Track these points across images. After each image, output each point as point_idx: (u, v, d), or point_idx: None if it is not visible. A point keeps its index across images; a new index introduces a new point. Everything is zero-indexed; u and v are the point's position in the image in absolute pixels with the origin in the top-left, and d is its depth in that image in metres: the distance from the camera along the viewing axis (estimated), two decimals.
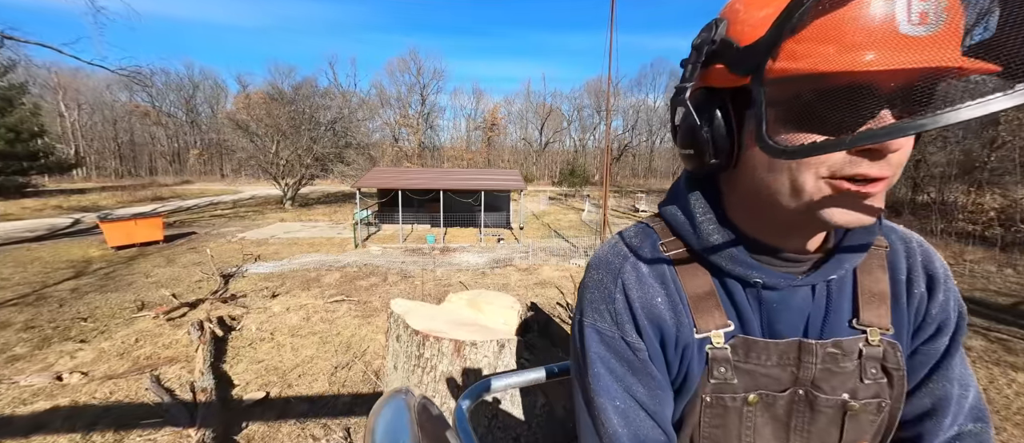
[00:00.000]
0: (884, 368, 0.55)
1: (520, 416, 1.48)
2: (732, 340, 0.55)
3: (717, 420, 0.56)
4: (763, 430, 0.56)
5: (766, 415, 0.56)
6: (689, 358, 0.56)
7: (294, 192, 20.74)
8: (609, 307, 0.56)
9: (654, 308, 0.55)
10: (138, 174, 44.70)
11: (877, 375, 0.55)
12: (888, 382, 0.55)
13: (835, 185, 0.42)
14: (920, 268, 0.57)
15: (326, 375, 3.89)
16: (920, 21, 0.35)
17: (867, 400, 0.55)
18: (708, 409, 0.56)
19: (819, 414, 0.56)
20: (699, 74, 0.48)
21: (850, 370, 0.54)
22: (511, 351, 1.53)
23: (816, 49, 0.37)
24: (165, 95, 47.53)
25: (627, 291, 0.56)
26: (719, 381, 0.55)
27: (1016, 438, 3.06)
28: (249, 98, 26.66)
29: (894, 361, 0.55)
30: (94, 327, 5.12)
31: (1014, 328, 5.24)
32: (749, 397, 0.55)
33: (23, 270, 7.75)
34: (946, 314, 0.57)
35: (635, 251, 0.58)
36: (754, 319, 0.55)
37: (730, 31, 0.45)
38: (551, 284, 7.52)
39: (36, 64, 20.90)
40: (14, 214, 15.37)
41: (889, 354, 0.55)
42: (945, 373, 0.57)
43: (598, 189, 29.53)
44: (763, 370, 0.55)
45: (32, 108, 23.96)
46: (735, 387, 0.55)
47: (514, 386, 0.90)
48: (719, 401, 0.55)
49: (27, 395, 3.48)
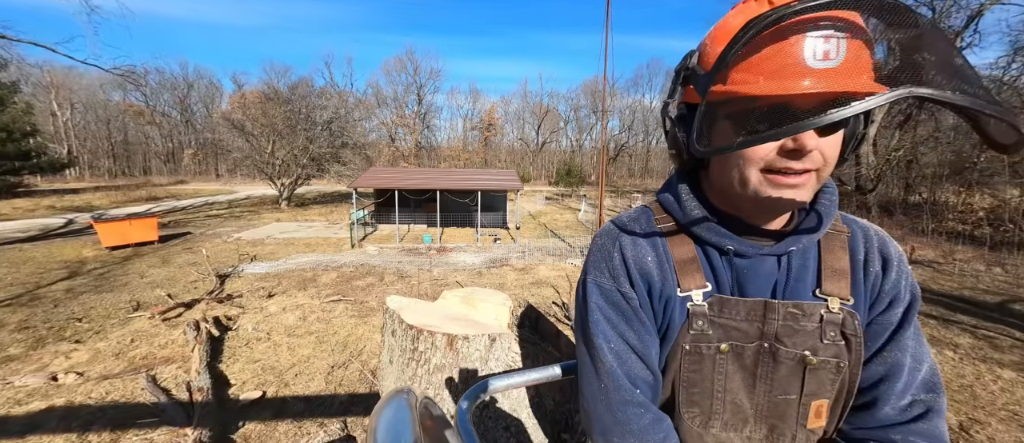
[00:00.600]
0: (843, 333, 0.64)
1: (511, 407, 1.52)
2: (709, 298, 0.66)
3: (694, 365, 0.67)
4: (734, 376, 0.67)
5: (736, 363, 0.66)
6: (671, 311, 0.67)
7: (290, 192, 20.66)
8: (608, 264, 0.70)
9: (644, 265, 0.68)
10: (132, 174, 44.32)
11: (835, 338, 0.63)
12: (846, 346, 0.64)
13: (769, 178, 0.56)
14: (876, 251, 0.67)
15: (323, 374, 3.90)
16: (824, 57, 0.47)
17: (826, 358, 0.64)
18: (687, 356, 0.67)
19: (781, 365, 0.65)
20: (680, 92, 0.63)
21: (810, 330, 0.63)
22: (502, 345, 1.57)
23: (746, 77, 0.51)
24: (159, 94, 47.16)
25: (623, 251, 0.70)
26: (697, 332, 0.66)
27: (1001, 433, 3.13)
28: (244, 98, 26.54)
29: (851, 328, 0.63)
30: (89, 327, 5.11)
31: (1001, 326, 5.33)
32: (721, 346, 0.66)
33: (16, 270, 7.70)
34: (897, 290, 0.65)
35: (633, 222, 0.72)
36: (727, 281, 0.66)
37: (700, 60, 0.58)
38: (547, 284, 7.56)
39: (29, 63, 20.77)
40: (6, 214, 15.23)
41: (847, 321, 0.63)
42: (898, 343, 0.64)
43: (594, 189, 29.59)
44: (734, 324, 0.65)
45: (24, 107, 23.74)
46: (710, 337, 0.66)
47: (513, 386, 0.93)
48: (697, 349, 0.66)
49: (22, 396, 3.47)
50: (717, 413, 0.68)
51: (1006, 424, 3.24)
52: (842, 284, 0.64)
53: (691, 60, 0.59)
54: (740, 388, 0.67)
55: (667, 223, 0.70)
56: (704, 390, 0.68)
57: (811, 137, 0.52)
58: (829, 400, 0.65)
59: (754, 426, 0.68)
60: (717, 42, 0.55)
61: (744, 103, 0.52)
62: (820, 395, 0.65)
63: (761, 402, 0.67)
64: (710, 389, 0.68)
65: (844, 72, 0.47)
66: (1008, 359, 4.35)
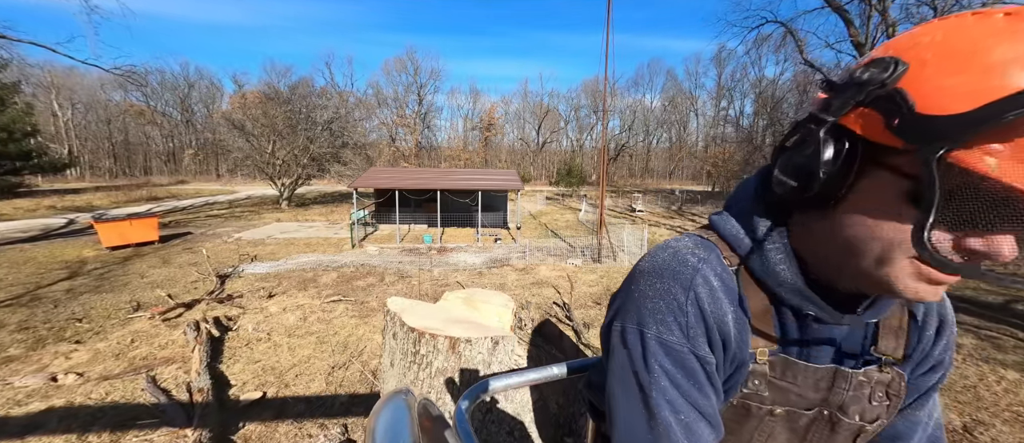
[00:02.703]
0: (887, 393, 0.59)
1: (514, 410, 1.51)
2: (773, 357, 0.56)
3: (736, 421, 0.59)
4: (779, 437, 0.60)
5: (786, 426, 0.59)
6: (740, 374, 0.57)
7: (290, 192, 20.67)
8: (678, 319, 0.53)
9: (724, 324, 0.54)
10: (132, 174, 44.38)
11: (882, 399, 0.59)
12: (888, 406, 0.60)
13: (922, 270, 0.42)
14: (934, 312, 0.61)
15: (323, 375, 3.89)
16: None
17: (873, 422, 0.60)
18: (731, 409, 0.58)
19: (837, 435, 0.60)
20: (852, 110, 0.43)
21: (867, 394, 0.59)
22: (505, 348, 1.55)
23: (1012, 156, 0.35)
24: (160, 94, 47.23)
25: (700, 303, 0.53)
26: (751, 391, 0.57)
27: (1005, 434, 3.11)
28: (245, 98, 26.57)
29: (897, 388, 0.59)
30: (89, 328, 5.10)
31: (1003, 326, 5.31)
32: (776, 410, 0.58)
33: (17, 271, 7.70)
34: (944, 356, 0.61)
35: (703, 263, 0.56)
36: (794, 342, 0.57)
37: (907, 80, 0.40)
38: (548, 284, 7.54)
39: (30, 63, 20.81)
40: (7, 214, 15.25)
41: (895, 382, 0.59)
42: (923, 403, 0.63)
43: (595, 189, 29.58)
44: (796, 389, 0.57)
45: (25, 107, 23.76)
46: (764, 399, 0.57)
47: (512, 387, 0.92)
48: (744, 406, 0.58)
49: (22, 396, 3.47)
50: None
51: (1010, 425, 3.22)
52: (896, 343, 0.58)
53: (890, 75, 0.40)
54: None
55: (733, 262, 0.57)
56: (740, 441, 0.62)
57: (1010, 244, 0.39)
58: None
59: None
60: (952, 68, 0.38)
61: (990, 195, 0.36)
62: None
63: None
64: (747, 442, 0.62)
65: None
66: (1011, 360, 4.33)
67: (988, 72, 0.36)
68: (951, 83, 0.37)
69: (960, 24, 0.40)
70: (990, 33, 0.37)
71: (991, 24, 0.38)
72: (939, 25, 0.41)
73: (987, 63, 0.36)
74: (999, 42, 0.36)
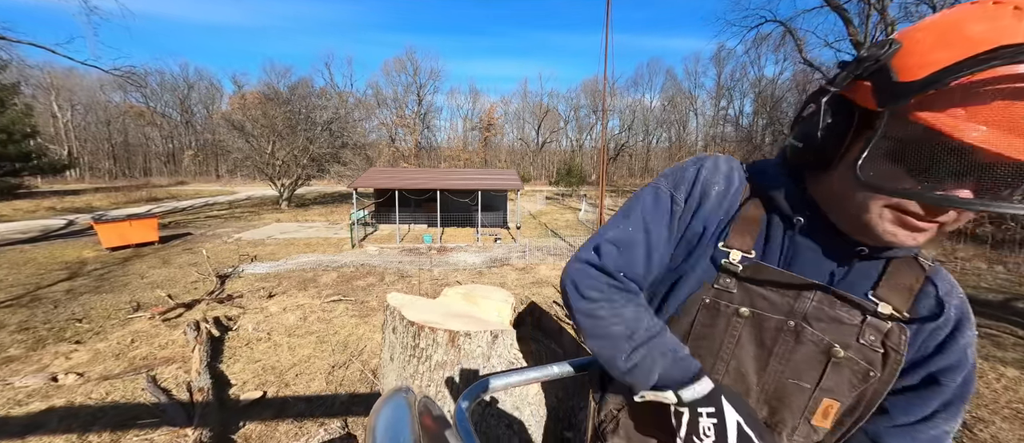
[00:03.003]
0: (885, 344, 0.59)
1: (513, 405, 1.51)
2: (746, 261, 0.62)
3: (708, 320, 0.65)
4: (746, 345, 0.64)
5: (753, 333, 0.63)
6: (698, 252, 0.66)
7: (290, 193, 20.67)
8: (676, 176, 0.70)
9: (709, 190, 0.66)
10: (132, 175, 44.37)
11: (875, 343, 0.59)
12: (885, 359, 0.59)
13: (896, 216, 0.50)
14: (957, 299, 0.61)
15: (323, 374, 3.90)
16: None
17: (855, 358, 0.59)
18: (704, 309, 0.65)
19: (802, 346, 0.61)
20: (850, 83, 0.52)
21: (847, 322, 0.59)
22: (504, 342, 1.56)
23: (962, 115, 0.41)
24: (159, 95, 47.20)
25: (700, 171, 0.68)
26: (721, 288, 0.63)
27: (1005, 431, 3.12)
28: (244, 98, 26.56)
29: (895, 342, 0.59)
30: (89, 328, 5.10)
31: (1003, 324, 5.32)
32: (741, 310, 0.63)
33: (17, 271, 7.70)
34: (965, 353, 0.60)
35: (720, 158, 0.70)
36: (776, 252, 0.63)
37: (896, 59, 0.47)
38: (548, 283, 7.55)
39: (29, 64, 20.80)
40: (7, 215, 15.24)
41: (894, 333, 0.59)
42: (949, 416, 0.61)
43: (595, 189, 29.58)
44: (763, 292, 0.62)
45: (24, 109, 23.73)
46: (732, 297, 0.63)
47: (513, 385, 0.92)
48: (715, 305, 0.64)
49: (22, 396, 3.47)
50: (718, 373, 0.65)
51: (1009, 422, 3.23)
52: (902, 298, 0.58)
53: (886, 52, 0.47)
54: (751, 360, 0.64)
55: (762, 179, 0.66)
56: (710, 349, 0.66)
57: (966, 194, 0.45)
58: (842, 404, 0.62)
59: (755, 403, 0.65)
60: (938, 46, 0.44)
61: (942, 147, 0.42)
62: (835, 394, 0.62)
63: (769, 381, 0.63)
64: (716, 349, 0.65)
65: None
66: (1011, 357, 4.34)
67: (960, 42, 0.42)
68: (934, 58, 0.43)
69: (957, 9, 0.47)
70: (974, 16, 0.44)
71: (980, 8, 0.44)
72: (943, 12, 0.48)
73: (964, 39, 0.42)
74: (977, 22, 0.43)
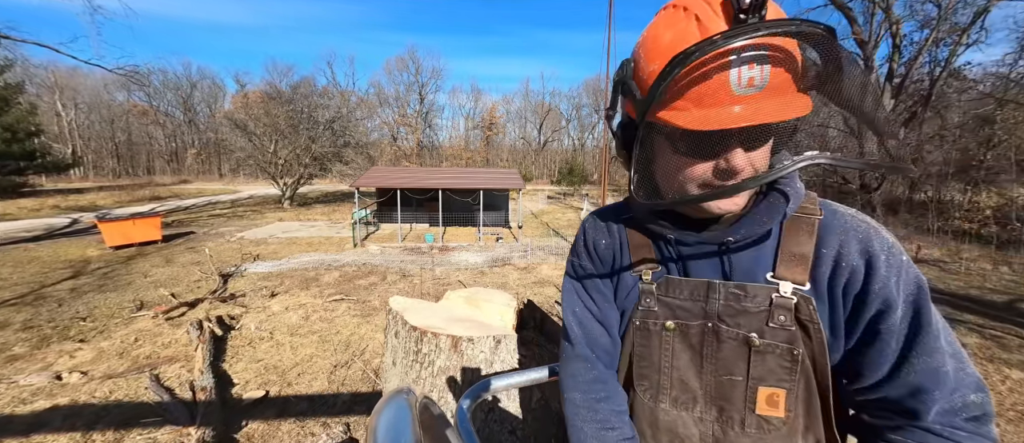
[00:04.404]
0: (798, 320, 0.61)
1: (516, 410, 1.51)
2: (659, 279, 0.71)
3: (643, 341, 0.72)
4: (681, 354, 0.70)
5: (683, 342, 0.69)
6: (627, 289, 0.74)
7: (293, 191, 20.71)
8: (577, 245, 0.82)
9: (598, 246, 0.78)
10: (136, 174, 44.56)
11: (786, 323, 0.62)
12: (806, 334, 0.61)
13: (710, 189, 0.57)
14: (854, 244, 0.60)
15: (325, 374, 3.90)
16: (748, 84, 0.49)
17: (773, 342, 0.62)
18: (637, 331, 0.73)
19: (724, 344, 0.66)
20: (621, 101, 0.63)
21: (755, 311, 0.63)
22: (507, 347, 1.55)
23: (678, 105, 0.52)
24: (163, 94, 47.36)
25: (585, 233, 0.81)
26: (645, 309, 0.71)
27: (1010, 434, 3.10)
28: (247, 97, 26.61)
29: (807, 314, 0.61)
30: (93, 327, 5.13)
31: (1008, 325, 5.28)
32: (667, 324, 0.69)
33: (21, 270, 7.74)
34: (888, 292, 0.57)
35: (607, 210, 0.81)
36: (674, 266, 0.71)
37: (634, 75, 0.58)
38: (549, 282, 7.54)
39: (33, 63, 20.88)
40: (11, 214, 15.33)
41: (802, 306, 0.61)
42: (923, 346, 0.57)
43: (596, 188, 29.53)
44: (678, 302, 0.69)
45: (29, 107, 23.87)
46: (656, 314, 0.70)
47: (514, 386, 0.92)
48: (644, 325, 0.72)
49: (27, 394, 3.48)
50: (664, 388, 0.71)
51: (1015, 425, 3.21)
52: (799, 269, 0.61)
53: (627, 70, 0.58)
54: (688, 366, 0.69)
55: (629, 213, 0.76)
56: (652, 364, 0.72)
57: (740, 156, 0.54)
58: (786, 390, 0.62)
59: (704, 407, 0.69)
60: (649, 58, 0.55)
61: (676, 130, 0.54)
62: (769, 381, 0.63)
63: (708, 381, 0.67)
64: (657, 364, 0.71)
65: (769, 96, 0.49)
66: (1016, 359, 4.31)
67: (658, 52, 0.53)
68: (650, 70, 0.54)
69: (655, 19, 0.57)
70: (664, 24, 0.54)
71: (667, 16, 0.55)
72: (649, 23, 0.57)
73: (661, 49, 0.53)
74: (666, 30, 0.54)
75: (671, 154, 0.58)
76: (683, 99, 0.51)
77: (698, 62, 0.48)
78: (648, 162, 0.62)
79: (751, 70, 0.48)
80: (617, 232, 0.77)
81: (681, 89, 0.51)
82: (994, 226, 11.85)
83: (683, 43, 0.49)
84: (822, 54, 0.49)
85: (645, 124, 0.56)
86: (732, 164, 0.54)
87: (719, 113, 0.49)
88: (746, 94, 0.49)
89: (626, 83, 0.58)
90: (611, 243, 0.77)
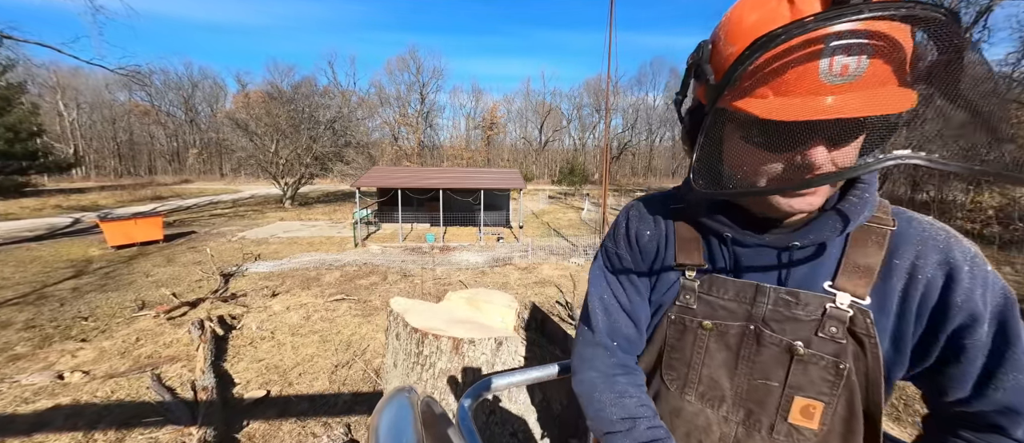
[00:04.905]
0: (853, 333, 0.58)
1: (518, 411, 1.50)
2: (702, 276, 0.68)
3: (677, 336, 0.70)
4: (715, 354, 0.67)
5: (719, 342, 0.67)
6: (666, 285, 0.72)
7: (294, 191, 20.72)
8: (615, 231, 0.78)
9: (642, 237, 0.74)
10: (137, 173, 44.64)
11: (837, 335, 0.59)
12: (861, 349, 0.58)
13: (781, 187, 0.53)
14: (933, 255, 0.56)
15: (326, 373, 3.90)
16: (842, 72, 0.43)
17: (819, 353, 0.60)
18: (672, 325, 0.71)
19: (764, 349, 0.63)
20: (693, 85, 0.59)
21: (805, 320, 0.60)
22: (508, 348, 1.55)
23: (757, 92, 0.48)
24: (164, 94, 47.44)
25: (628, 221, 0.76)
26: (683, 305, 0.69)
27: None
28: (248, 97, 26.63)
29: (863, 327, 0.58)
30: (95, 326, 5.14)
31: None
32: (704, 323, 0.67)
33: (23, 269, 7.76)
34: (973, 304, 0.54)
35: (652, 200, 0.77)
36: (723, 264, 0.67)
37: (711, 58, 0.54)
38: (550, 283, 7.53)
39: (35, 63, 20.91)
40: (13, 214, 15.37)
41: (858, 319, 0.58)
42: (1013, 365, 0.53)
43: (598, 188, 29.51)
44: (721, 302, 0.66)
45: (31, 107, 23.87)
46: (694, 312, 0.68)
47: (515, 385, 0.92)
48: (680, 321, 0.69)
49: (29, 394, 3.49)
50: (692, 383, 0.69)
51: None
52: (861, 282, 0.57)
53: (703, 53, 0.54)
54: (721, 366, 0.67)
55: (679, 206, 0.72)
56: (683, 358, 0.70)
57: (820, 153, 0.48)
58: (825, 403, 0.60)
59: (731, 407, 0.67)
60: (729, 40, 0.51)
61: (751, 119, 0.49)
62: (808, 392, 0.61)
63: (741, 383, 0.66)
64: (689, 359, 0.70)
65: (864, 85, 0.43)
66: None
67: (740, 34, 0.49)
68: (728, 53, 0.50)
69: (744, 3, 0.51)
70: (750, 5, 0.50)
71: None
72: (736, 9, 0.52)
73: (743, 31, 0.49)
74: (752, 12, 0.49)
75: (743, 144, 0.53)
76: (764, 86, 0.47)
77: (785, 47, 0.43)
78: (715, 151, 0.56)
79: (848, 56, 0.42)
80: (664, 224, 0.72)
81: (763, 75, 0.46)
82: (996, 226, 11.81)
83: (770, 25, 0.45)
84: (939, 42, 0.43)
85: (715, 111, 0.51)
86: (810, 160, 0.48)
87: (804, 103, 0.44)
88: (837, 84, 0.43)
89: (700, 66, 0.54)
90: (656, 235, 0.72)
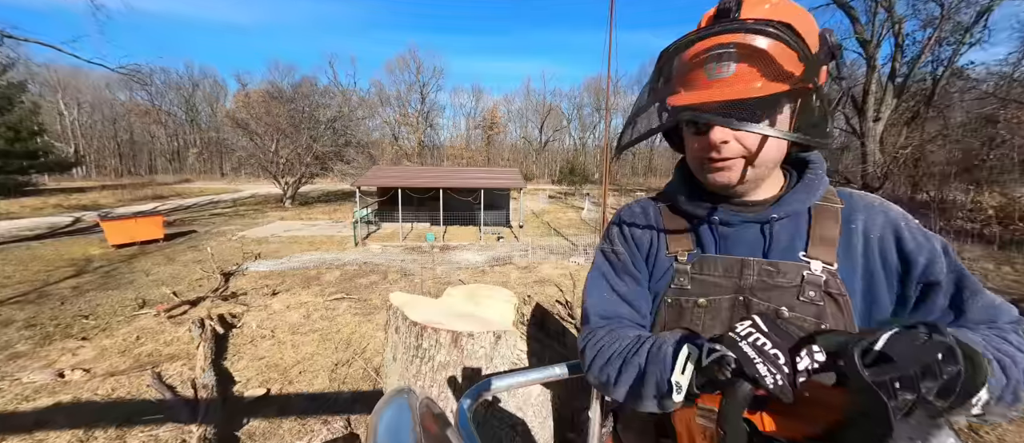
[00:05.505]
0: (829, 293, 0.67)
1: (516, 407, 1.51)
2: (693, 259, 0.75)
3: (674, 316, 0.76)
4: (710, 328, 0.73)
5: (714, 317, 0.73)
6: (661, 271, 0.79)
7: (294, 191, 20.73)
8: (609, 233, 0.87)
9: (634, 231, 0.83)
10: (138, 173, 44.66)
11: (816, 297, 0.67)
12: (837, 307, 0.67)
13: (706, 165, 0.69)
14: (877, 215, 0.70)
15: (326, 372, 3.91)
16: (717, 71, 0.60)
17: (803, 316, 0.67)
18: (669, 308, 0.77)
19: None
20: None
21: (787, 287, 0.68)
22: (507, 343, 1.55)
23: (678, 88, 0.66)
24: (164, 94, 47.51)
25: (621, 220, 0.86)
26: (678, 287, 0.76)
27: (1011, 433, 3.08)
28: (249, 97, 26.60)
29: (835, 287, 0.67)
30: (96, 325, 5.14)
31: None
32: (700, 301, 0.74)
33: (24, 268, 7.77)
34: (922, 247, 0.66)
35: (641, 201, 0.87)
36: (712, 246, 0.75)
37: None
38: (550, 282, 7.54)
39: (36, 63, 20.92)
40: (14, 213, 15.38)
41: (830, 281, 0.67)
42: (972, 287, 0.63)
43: (598, 187, 29.49)
44: (712, 280, 0.73)
45: (31, 107, 23.93)
46: (689, 292, 0.75)
47: (515, 386, 0.92)
48: (677, 302, 0.76)
49: (29, 392, 3.50)
50: None
51: (1016, 425, 3.19)
52: (828, 249, 0.68)
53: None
54: None
55: (666, 203, 0.83)
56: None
57: (720, 133, 0.63)
58: None
59: None
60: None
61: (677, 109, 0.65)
62: None
63: None
64: None
65: (735, 81, 0.59)
66: None
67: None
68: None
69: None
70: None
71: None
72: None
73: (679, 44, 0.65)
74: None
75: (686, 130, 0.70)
76: (681, 86, 0.65)
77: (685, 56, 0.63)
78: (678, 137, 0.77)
79: (720, 61, 0.60)
80: (654, 216, 0.83)
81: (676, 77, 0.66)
82: (997, 226, 11.79)
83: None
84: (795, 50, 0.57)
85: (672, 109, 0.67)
86: (712, 139, 0.64)
87: (697, 94, 0.62)
88: (715, 80, 0.60)
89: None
90: (648, 229, 0.82)
